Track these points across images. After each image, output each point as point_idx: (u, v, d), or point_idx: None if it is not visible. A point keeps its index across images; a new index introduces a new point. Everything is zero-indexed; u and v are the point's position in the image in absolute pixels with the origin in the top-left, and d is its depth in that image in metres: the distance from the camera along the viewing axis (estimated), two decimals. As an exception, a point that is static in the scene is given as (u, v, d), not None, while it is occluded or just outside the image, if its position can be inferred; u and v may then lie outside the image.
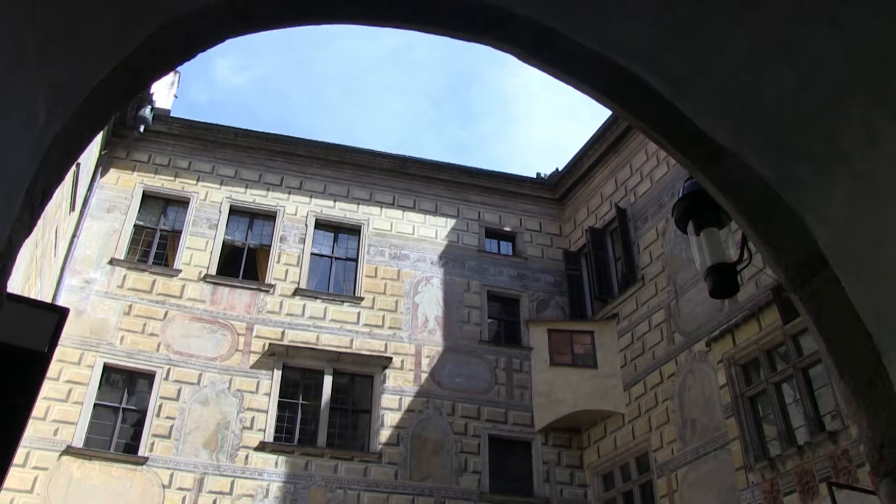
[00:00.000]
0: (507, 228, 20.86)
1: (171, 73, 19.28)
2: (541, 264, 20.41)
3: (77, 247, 16.72)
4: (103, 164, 17.89)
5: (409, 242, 19.70)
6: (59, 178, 2.41)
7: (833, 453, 11.43)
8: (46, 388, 14.68)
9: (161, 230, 18.36)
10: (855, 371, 2.40)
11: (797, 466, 11.94)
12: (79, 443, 15.17)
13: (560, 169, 21.45)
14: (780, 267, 2.69)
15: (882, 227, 2.35)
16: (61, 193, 13.86)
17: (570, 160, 20.97)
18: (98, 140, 16.74)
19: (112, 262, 17.20)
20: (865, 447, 2.39)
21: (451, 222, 20.34)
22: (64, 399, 15.39)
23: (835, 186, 2.52)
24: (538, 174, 21.98)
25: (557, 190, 21.46)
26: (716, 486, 14.09)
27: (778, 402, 12.90)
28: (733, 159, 2.69)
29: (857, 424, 2.46)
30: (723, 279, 4.01)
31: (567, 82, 2.94)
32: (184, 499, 15.22)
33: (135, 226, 18.07)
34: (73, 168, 14.07)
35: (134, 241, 17.97)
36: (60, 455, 14.91)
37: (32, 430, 14.48)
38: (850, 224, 2.46)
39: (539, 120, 52.38)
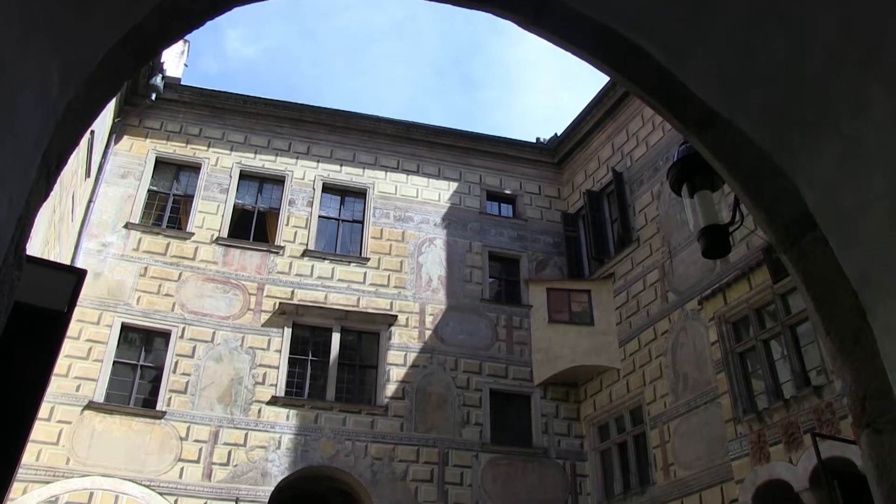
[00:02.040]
0: (507, 191, 21.30)
1: (181, 42, 19.61)
2: (540, 226, 20.90)
3: (93, 212, 17.17)
4: (117, 132, 18.26)
5: (413, 205, 20.18)
6: (74, 145, 2.43)
7: (817, 406, 11.69)
8: (68, 347, 15.28)
9: (174, 195, 18.81)
10: (840, 328, 2.45)
11: (783, 419, 12.24)
12: (100, 398, 15.81)
13: (559, 134, 21.76)
14: (770, 228, 2.74)
15: (869, 190, 2.34)
16: (76, 160, 14.18)
17: (569, 125, 21.29)
18: (111, 108, 17.05)
19: (127, 226, 17.69)
20: (849, 400, 2.45)
21: (454, 185, 20.79)
22: (85, 357, 16.00)
23: (824, 151, 2.52)
24: (538, 139, 22.33)
25: (556, 154, 21.81)
26: (706, 438, 14.62)
27: (766, 358, 13.21)
28: (727, 124, 2.74)
29: (841, 379, 2.51)
30: (715, 240, 4.07)
31: (566, 49, 2.95)
32: (200, 450, 15.88)
33: (148, 191, 18.51)
34: (88, 135, 14.47)
35: (148, 206, 18.43)
36: (83, 410, 15.55)
37: (56, 386, 15.10)
38: (838, 187, 2.47)
39: (539, 88, 52.60)
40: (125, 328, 16.75)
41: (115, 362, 16.37)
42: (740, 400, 13.40)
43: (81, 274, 3.29)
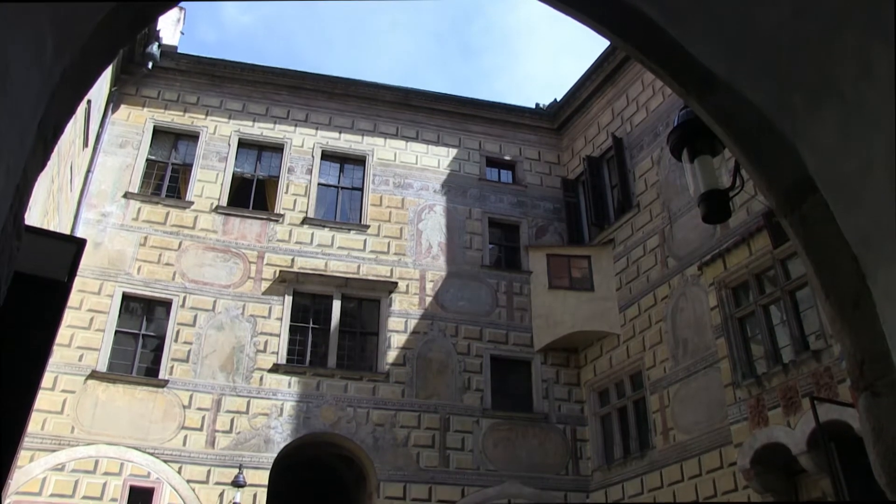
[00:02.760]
0: (507, 157, 21.23)
1: (177, 10, 19.45)
2: (540, 192, 20.86)
3: (92, 182, 17.12)
4: (114, 101, 18.16)
5: (413, 172, 20.13)
6: (70, 113, 2.42)
7: (816, 371, 11.74)
8: (70, 317, 15.37)
9: (172, 164, 18.76)
10: (840, 292, 2.45)
11: (782, 383, 12.29)
12: (102, 367, 15.90)
13: (558, 100, 21.65)
14: (771, 193, 2.73)
15: (870, 154, 2.32)
16: (74, 130, 14.10)
17: (568, 91, 21.16)
18: (108, 77, 16.94)
19: (126, 195, 17.66)
20: (847, 364, 2.46)
21: (453, 152, 20.72)
22: (87, 327, 16.06)
23: (826, 114, 2.49)
24: (537, 105, 22.22)
25: (556, 120, 21.71)
26: (705, 402, 14.73)
27: (765, 323, 13.24)
28: (727, 87, 2.71)
29: (840, 343, 2.51)
30: (715, 205, 4.04)
31: (565, 13, 2.94)
32: (203, 418, 16.00)
33: (147, 160, 18.46)
34: (85, 105, 14.39)
35: (147, 175, 18.39)
36: (86, 379, 15.64)
37: (59, 356, 15.21)
38: (839, 151, 2.45)
39: (539, 54, 52.22)
40: (126, 298, 16.79)
41: (116, 332, 16.44)
42: (739, 365, 13.44)
43: (81, 243, 3.27)
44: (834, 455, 10.03)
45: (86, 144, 16.08)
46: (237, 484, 15.43)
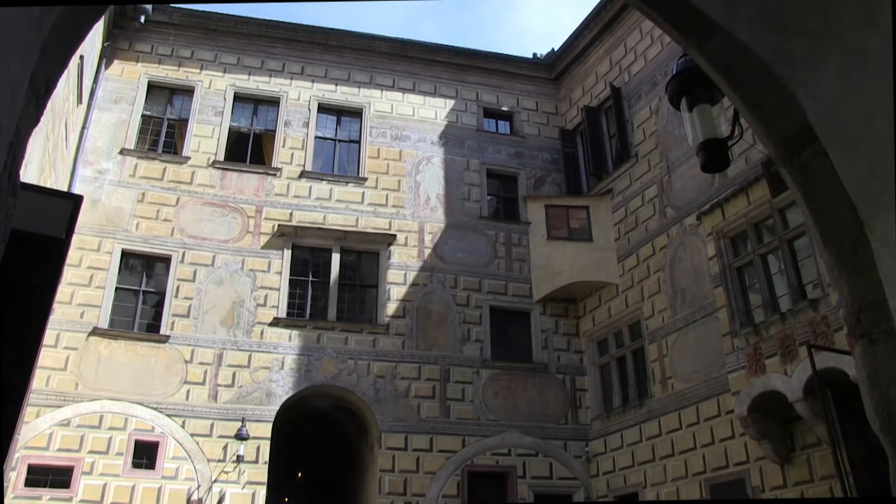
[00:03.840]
0: (504, 108, 21.08)
1: (169, -39, 19.12)
2: (538, 142, 20.76)
3: (87, 138, 17.01)
4: (107, 56, 17.96)
5: (410, 123, 19.99)
6: (62, 67, 2.40)
7: (813, 319, 11.76)
8: (70, 275, 15.41)
9: (168, 119, 18.62)
10: (839, 241, 2.47)
11: (779, 332, 12.32)
12: (104, 324, 15.98)
13: (556, 50, 21.42)
14: (770, 141, 2.73)
15: (871, 102, 2.31)
16: (67, 86, 13.97)
17: (566, 41, 20.91)
18: (100, 32, 16.75)
19: (123, 151, 17.57)
20: (845, 311, 2.50)
21: (450, 103, 20.55)
22: (87, 284, 16.11)
23: (827, 62, 2.48)
24: (534, 55, 21.95)
25: (553, 70, 21.49)
26: (703, 351, 14.84)
27: (763, 273, 13.24)
28: (726, 35, 2.68)
29: (837, 291, 2.54)
30: (714, 154, 4.04)
31: None
32: (205, 373, 16.13)
33: (142, 116, 18.31)
34: (77, 60, 14.24)
35: (142, 131, 18.25)
36: (88, 336, 15.73)
37: (60, 313, 15.30)
38: (840, 99, 2.44)
39: (535, 3, 51.59)
40: (125, 254, 16.80)
41: (117, 288, 16.50)
42: (737, 314, 13.47)
43: (78, 200, 3.29)
44: (830, 401, 10.13)
45: (80, 101, 15.94)
46: (240, 437, 15.60)
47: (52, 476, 14.57)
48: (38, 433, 14.68)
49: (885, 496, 6.94)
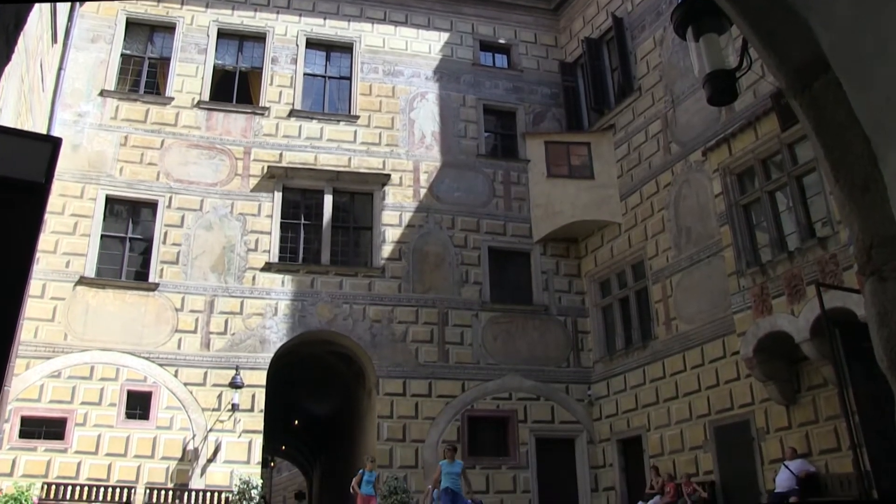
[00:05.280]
0: (501, 41, 20.36)
1: None
2: (536, 76, 20.10)
3: (65, 80, 16.29)
4: (81, -9, 17.25)
5: (403, 58, 19.29)
6: (29, 4, 2.32)
7: (821, 258, 11.57)
8: (53, 223, 15.02)
9: (149, 58, 17.96)
10: (850, 175, 2.41)
11: (787, 271, 12.12)
12: (90, 273, 15.60)
13: (555, -23, 20.68)
14: (781, 72, 2.63)
15: (888, 30, 2.20)
16: (40, 25, 13.37)
17: (566, -33, 20.17)
18: (73, -35, 16.01)
19: (103, 93, 16.97)
20: (855, 248, 2.44)
21: (445, 36, 19.82)
22: (71, 232, 15.67)
23: None
24: (533, -17, 21.19)
25: (552, 0, 20.76)
26: (708, 291, 14.57)
27: (771, 210, 12.96)
28: None
29: (848, 227, 2.50)
30: (722, 86, 3.94)
31: None
32: (196, 320, 15.82)
33: (122, 55, 17.66)
34: (50, -4, 13.54)
35: (123, 71, 17.63)
36: (75, 285, 15.38)
37: (45, 263, 14.97)
38: (855, 26, 2.33)
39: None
40: (110, 200, 16.36)
41: (102, 236, 16.12)
42: (744, 253, 13.25)
43: (57, 142, 3.16)
44: (838, 340, 9.89)
45: (55, 40, 15.27)
46: (235, 385, 15.39)
47: (45, 428, 14.48)
48: (28, 385, 14.55)
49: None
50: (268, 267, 16.52)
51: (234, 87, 18.13)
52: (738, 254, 13.27)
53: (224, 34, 18.44)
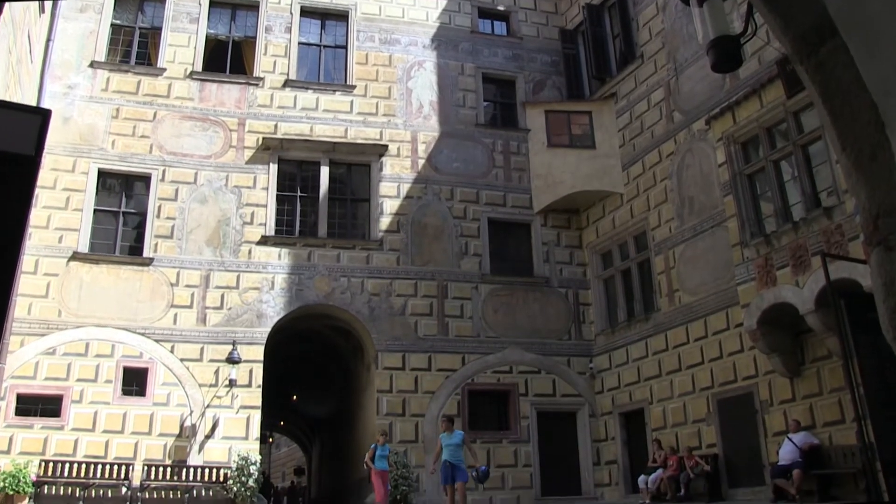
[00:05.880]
0: (500, 7, 20.01)
1: None
2: (536, 44, 19.76)
3: (53, 51, 15.94)
4: (68, -41, 16.87)
5: (400, 26, 18.92)
6: None
7: (827, 228, 11.43)
8: (45, 197, 14.79)
9: (140, 28, 17.60)
10: (857, 143, 2.38)
11: (792, 242, 11.97)
12: (84, 248, 15.38)
13: (554, -60, 20.27)
14: (786, 36, 2.61)
15: None
16: (27, -6, 13.10)
17: (565, -70, 19.76)
18: (59, -69, 15.63)
19: (93, 64, 16.64)
20: (861, 218, 2.43)
21: (442, 3, 19.46)
22: (63, 207, 15.43)
23: None
24: (531, -54, 20.76)
25: (552, -36, 20.39)
26: (712, 262, 14.40)
27: (776, 180, 12.75)
28: None
29: (855, 196, 2.48)
30: (726, 52, 3.91)
31: None
32: (192, 295, 15.63)
33: (112, 25, 17.31)
34: (36, -34, 13.25)
35: (113, 42, 17.28)
36: (68, 261, 15.17)
37: (37, 238, 14.78)
38: None
39: None
40: (102, 174, 16.10)
41: (95, 210, 15.88)
42: (748, 223, 13.11)
43: (46, 114, 3.03)
44: (843, 311, 9.74)
45: (42, 10, 14.96)
46: (232, 360, 15.25)
47: (41, 405, 14.36)
48: (23, 362, 14.41)
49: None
50: (264, 240, 16.30)
51: (228, 58, 17.78)
52: (742, 224, 13.11)
53: (216, 3, 18.06)
